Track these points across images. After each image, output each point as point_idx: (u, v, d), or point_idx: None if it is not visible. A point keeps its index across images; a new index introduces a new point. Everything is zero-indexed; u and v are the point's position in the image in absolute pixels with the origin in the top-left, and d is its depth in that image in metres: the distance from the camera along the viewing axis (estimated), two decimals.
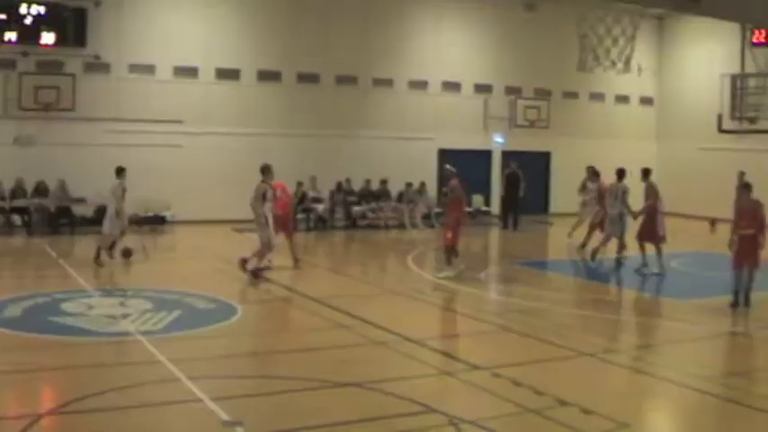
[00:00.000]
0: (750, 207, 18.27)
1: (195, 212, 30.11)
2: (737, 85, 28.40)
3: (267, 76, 32.53)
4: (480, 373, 12.56)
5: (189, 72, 31.37)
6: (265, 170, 21.07)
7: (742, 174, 29.98)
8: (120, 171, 22.72)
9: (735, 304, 17.93)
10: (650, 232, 22.26)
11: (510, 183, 33.02)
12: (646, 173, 22.93)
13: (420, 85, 35.49)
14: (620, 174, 23.56)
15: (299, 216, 30.69)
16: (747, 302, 18.13)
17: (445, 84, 36.06)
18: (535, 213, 35.88)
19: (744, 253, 17.90)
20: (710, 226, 32.70)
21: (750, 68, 28.55)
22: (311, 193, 31.18)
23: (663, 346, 15.35)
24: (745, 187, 18.98)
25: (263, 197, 20.61)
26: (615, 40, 20.80)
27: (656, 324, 17.50)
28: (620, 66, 21.28)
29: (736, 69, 29.06)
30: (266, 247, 20.49)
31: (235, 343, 14.49)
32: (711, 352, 15.17)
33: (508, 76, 37.38)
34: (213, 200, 29.36)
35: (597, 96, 39.66)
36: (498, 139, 36.92)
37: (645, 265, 22.17)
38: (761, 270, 18.24)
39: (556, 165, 38.16)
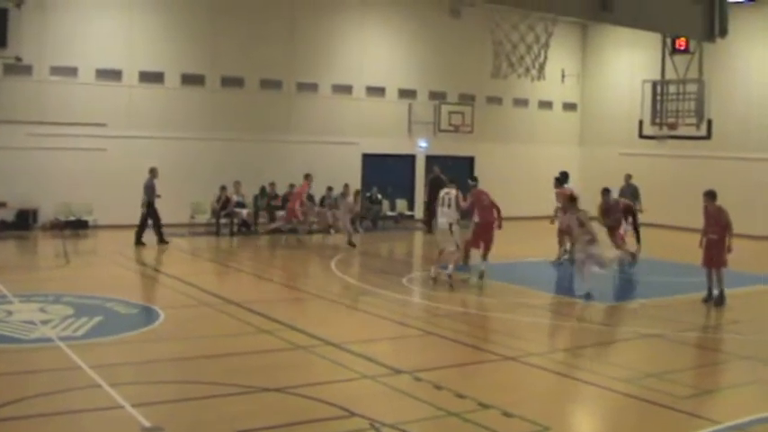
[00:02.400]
0: (714, 213, 19.64)
1: (118, 217, 29.81)
2: (658, 91, 28.78)
3: (191, 79, 32.35)
4: (402, 377, 12.66)
5: (112, 75, 31.07)
6: None
7: (629, 176, 30.48)
8: None
9: (707, 299, 19.69)
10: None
11: (434, 187, 33.15)
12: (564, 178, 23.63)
13: (345, 89, 35.56)
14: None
15: (223, 221, 30.62)
16: (722, 301, 19.48)
17: (370, 88, 36.17)
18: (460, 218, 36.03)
19: (710, 255, 19.52)
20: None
21: (671, 75, 28.95)
22: (235, 198, 31.06)
23: (585, 349, 15.57)
24: (709, 195, 19.92)
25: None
26: (529, 48, 20.98)
27: (578, 327, 17.72)
28: (534, 73, 21.47)
29: (657, 76, 29.45)
30: None
31: (157, 348, 14.40)
32: (632, 354, 15.44)
33: (432, 82, 37.61)
34: (137, 204, 29.13)
35: (521, 102, 40.08)
36: (422, 143, 37.11)
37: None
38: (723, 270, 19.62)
39: (480, 169, 38.41)
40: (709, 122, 27.38)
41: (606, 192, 24.51)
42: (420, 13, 35.39)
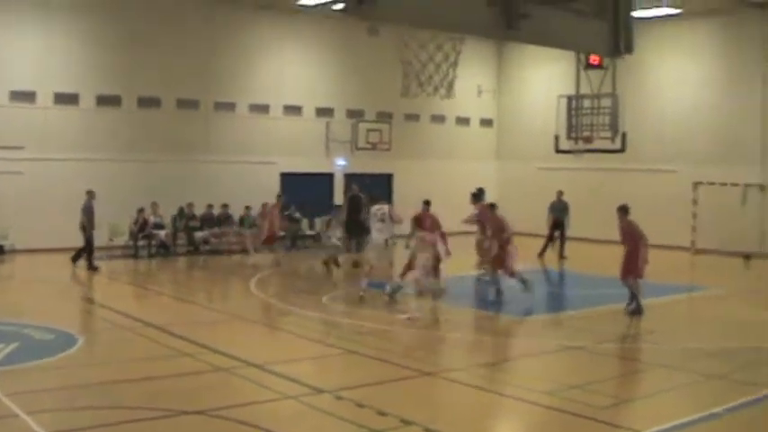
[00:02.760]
0: (625, 227, 20.41)
1: (36, 241, 29.41)
2: (573, 105, 29.13)
3: (107, 100, 31.97)
4: (324, 397, 12.66)
5: (26, 96, 30.60)
6: None
7: (560, 192, 31.03)
8: None
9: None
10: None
11: (352, 206, 33.18)
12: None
13: (262, 108, 35.45)
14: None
15: (141, 243, 30.36)
16: (639, 311, 20.07)
17: (287, 107, 36.10)
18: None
19: (625, 266, 20.14)
20: (551, 243, 33.56)
21: (585, 90, 29.34)
22: (153, 219, 30.81)
23: (507, 363, 15.72)
24: (620, 210, 20.63)
25: None
26: (438, 67, 21.17)
27: (500, 342, 17.89)
28: (442, 91, 21.66)
29: (572, 90, 29.83)
30: None
31: (75, 374, 14.19)
32: (554, 366, 15.61)
33: (350, 100, 37.67)
34: (54, 228, 28.73)
35: (438, 118, 40.29)
36: (340, 162, 37.14)
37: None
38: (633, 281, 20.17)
39: (398, 186, 38.54)
40: (624, 136, 27.76)
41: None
42: (337, 31, 35.40)
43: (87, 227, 26.92)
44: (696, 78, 35.72)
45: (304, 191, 34.75)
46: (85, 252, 26.90)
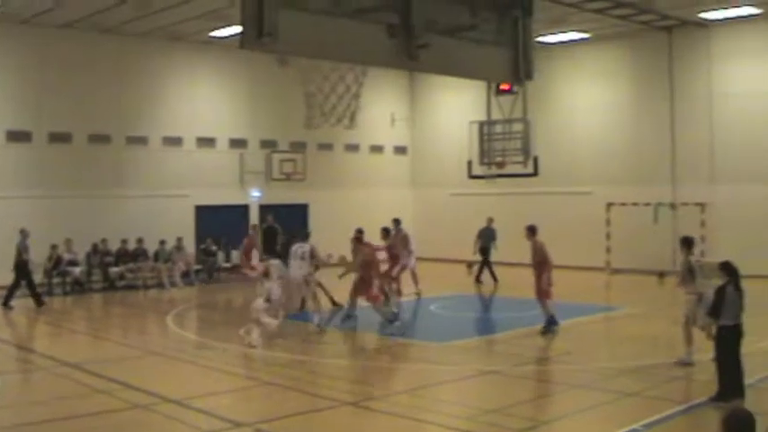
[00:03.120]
0: (533, 247, 20.96)
1: None
2: (485, 131, 29.42)
3: (17, 136, 31.44)
4: (244, 430, 12.58)
5: None
6: None
7: (490, 219, 31.38)
8: None
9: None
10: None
11: (268, 237, 33.12)
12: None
13: (175, 141, 35.21)
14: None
15: (55, 280, 29.95)
16: (548, 329, 20.62)
17: (200, 139, 35.92)
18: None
19: (537, 287, 20.81)
20: (468, 268, 33.79)
21: (497, 115, 29.66)
22: (66, 256, 30.40)
23: (425, 390, 15.70)
24: (529, 230, 21.17)
25: None
26: (341, 97, 21.25)
27: (417, 368, 17.90)
28: (345, 122, 21.72)
29: (484, 116, 30.16)
30: None
31: None
32: (472, 391, 15.71)
33: (263, 130, 37.59)
34: None
35: (352, 147, 40.38)
36: (255, 193, 37.02)
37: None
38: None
39: (314, 216, 38.53)
40: (536, 160, 28.09)
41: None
42: (249, 62, 35.23)
43: (20, 265, 26.71)
44: (606, 101, 36.33)
45: (219, 223, 34.58)
46: (14, 292, 26.73)
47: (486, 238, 31.73)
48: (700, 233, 31.55)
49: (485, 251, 31.75)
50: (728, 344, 13.85)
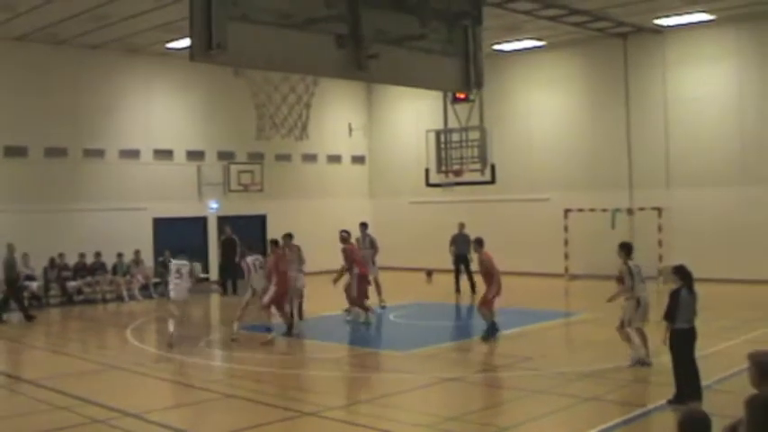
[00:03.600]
0: (479, 260, 21.40)
1: None
2: (442, 139, 29.48)
3: None
4: None
5: None
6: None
7: (462, 225, 31.41)
8: None
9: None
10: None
11: (227, 248, 33.10)
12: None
13: (132, 154, 35.05)
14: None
15: None
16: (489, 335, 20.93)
17: (157, 152, 35.78)
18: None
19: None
20: (427, 277, 33.87)
21: (454, 123, 29.74)
22: (24, 271, 30.13)
23: (386, 399, 15.69)
24: (477, 242, 21.63)
25: None
26: (291, 108, 21.24)
27: (377, 378, 17.93)
28: (296, 133, 21.72)
29: (440, 125, 30.25)
30: None
31: None
32: (433, 399, 15.73)
33: (220, 142, 37.53)
34: None
35: (310, 157, 40.39)
36: (213, 204, 36.93)
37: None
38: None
39: (272, 227, 38.49)
40: (493, 167, 28.16)
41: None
42: (205, 73, 35.06)
43: (10, 281, 27.02)
44: (562, 107, 36.59)
45: (177, 235, 34.42)
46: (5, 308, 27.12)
47: (460, 244, 31.51)
48: (656, 237, 31.87)
49: (460, 258, 31.41)
50: (683, 347, 14.00)
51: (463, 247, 30.90)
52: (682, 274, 14.27)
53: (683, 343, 14.00)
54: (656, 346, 16.14)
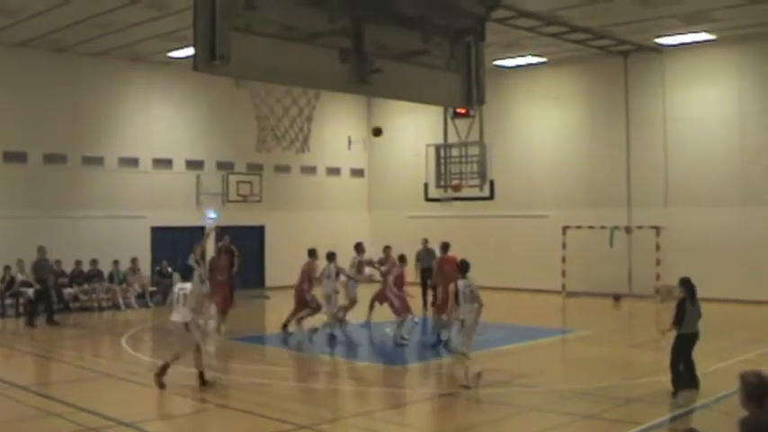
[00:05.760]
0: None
1: None
2: (441, 154, 29.46)
3: None
4: None
5: None
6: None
7: (425, 240, 31.40)
8: None
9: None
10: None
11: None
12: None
13: (131, 162, 35.03)
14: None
15: (8, 302, 29.65)
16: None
17: (156, 160, 35.76)
18: (251, 288, 35.96)
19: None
20: (432, 291, 33.80)
21: (453, 138, 29.72)
22: (20, 277, 30.11)
23: (380, 413, 15.72)
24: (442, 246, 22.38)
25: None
26: (293, 121, 21.21)
27: (374, 392, 17.90)
28: (297, 145, 21.69)
29: (440, 139, 30.23)
30: None
31: None
32: (428, 414, 15.73)
33: (220, 152, 37.51)
34: None
35: (309, 169, 40.38)
36: (211, 214, 36.82)
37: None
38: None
39: (270, 238, 38.49)
40: (492, 183, 28.11)
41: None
42: (206, 83, 34.96)
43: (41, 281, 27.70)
44: (562, 124, 36.63)
45: (175, 245, 34.34)
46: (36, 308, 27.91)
47: (425, 259, 31.40)
48: (655, 256, 31.83)
49: (427, 273, 31.12)
50: (684, 348, 15.80)
51: (428, 262, 30.82)
52: (686, 285, 16.00)
53: (685, 345, 15.78)
54: (650, 368, 16.15)
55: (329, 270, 24.23)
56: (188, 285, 17.83)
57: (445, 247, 21.99)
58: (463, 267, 17.48)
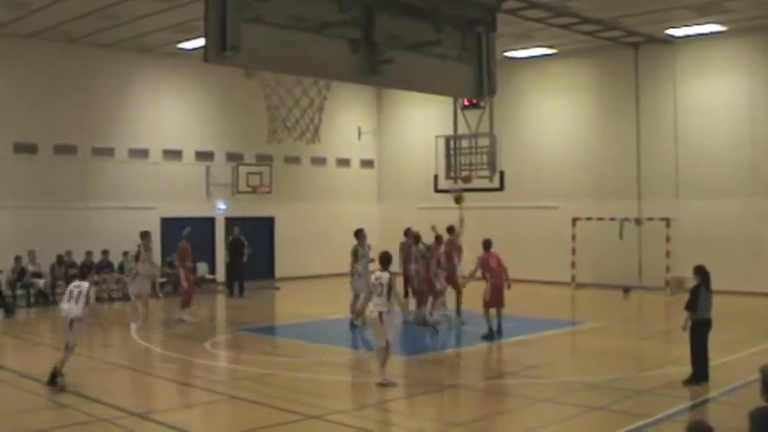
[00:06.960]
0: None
1: None
2: (451, 145, 29.42)
3: None
4: None
5: None
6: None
7: (406, 230, 31.28)
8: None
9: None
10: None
11: (234, 249, 33.03)
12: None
13: (141, 153, 35.03)
14: None
15: (19, 292, 29.72)
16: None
17: (166, 152, 35.75)
18: (261, 279, 36.00)
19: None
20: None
21: (463, 129, 29.67)
22: (31, 268, 30.18)
23: (390, 404, 15.69)
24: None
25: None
26: (304, 111, 21.15)
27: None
28: (308, 136, 21.63)
29: (450, 131, 30.19)
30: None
31: None
32: (437, 405, 15.71)
33: (230, 143, 37.49)
34: None
35: (319, 160, 40.35)
36: (221, 205, 36.88)
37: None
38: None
39: (280, 229, 38.50)
40: (502, 174, 28.05)
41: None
42: (216, 74, 34.91)
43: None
44: (572, 116, 36.53)
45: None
46: None
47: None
48: (665, 248, 31.74)
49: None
50: (701, 334, 16.10)
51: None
52: (701, 273, 16.41)
53: (700, 330, 16.10)
54: (664, 359, 16.14)
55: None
56: (84, 284, 17.60)
57: (487, 244, 22.74)
58: (384, 260, 17.55)
